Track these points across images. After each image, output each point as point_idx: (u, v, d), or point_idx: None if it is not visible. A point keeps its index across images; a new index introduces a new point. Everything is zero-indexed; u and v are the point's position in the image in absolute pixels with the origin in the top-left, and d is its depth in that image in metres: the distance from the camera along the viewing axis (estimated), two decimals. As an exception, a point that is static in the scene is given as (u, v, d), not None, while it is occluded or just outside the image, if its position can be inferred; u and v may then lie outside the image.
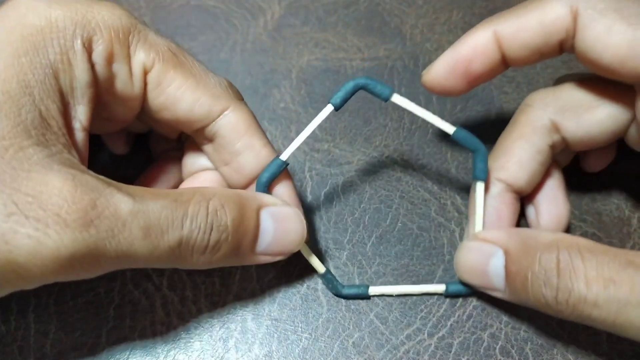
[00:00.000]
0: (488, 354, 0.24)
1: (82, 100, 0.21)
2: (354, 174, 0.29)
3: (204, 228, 0.20)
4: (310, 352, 0.24)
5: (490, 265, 0.22)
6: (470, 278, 0.23)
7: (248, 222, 0.21)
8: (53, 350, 0.24)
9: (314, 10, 0.36)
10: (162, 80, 0.22)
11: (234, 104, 0.23)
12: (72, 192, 0.17)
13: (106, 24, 0.21)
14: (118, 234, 0.18)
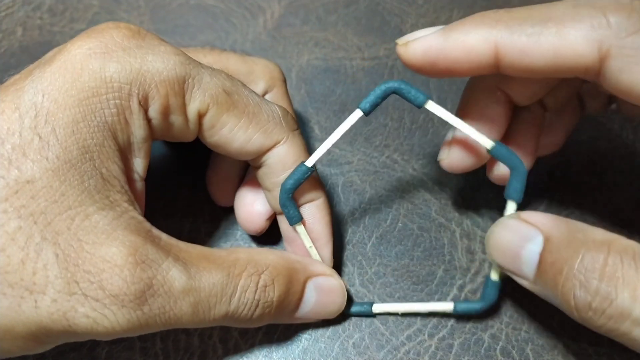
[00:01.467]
0: (489, 354, 0.24)
1: (139, 154, 0.21)
2: (354, 174, 0.29)
3: (250, 305, 0.21)
4: (310, 353, 0.24)
5: (525, 249, 0.19)
6: (499, 258, 0.21)
7: (293, 295, 0.22)
8: (52, 350, 0.24)
9: (313, 10, 0.36)
10: (216, 123, 0.22)
11: (286, 136, 0.23)
12: (132, 272, 0.18)
13: (161, 78, 0.20)
14: (169, 311, 0.19)
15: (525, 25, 0.19)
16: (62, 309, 0.18)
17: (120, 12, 0.36)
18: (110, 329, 0.18)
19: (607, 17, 0.18)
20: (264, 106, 0.22)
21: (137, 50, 0.20)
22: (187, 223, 0.27)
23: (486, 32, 0.20)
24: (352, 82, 0.33)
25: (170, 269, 0.19)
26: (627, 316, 0.17)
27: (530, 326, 0.24)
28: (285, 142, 0.23)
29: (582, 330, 0.24)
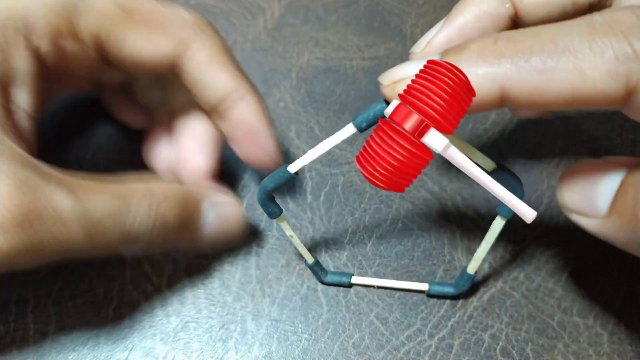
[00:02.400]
0: (489, 354, 0.24)
1: (23, 86, 0.20)
2: (354, 174, 0.29)
3: (146, 223, 0.20)
4: (310, 353, 0.24)
5: (603, 181, 0.17)
6: (570, 196, 0.18)
7: (190, 212, 0.22)
8: (52, 351, 0.24)
9: (313, 10, 0.36)
10: (116, 40, 0.21)
11: (198, 38, 0.22)
12: (12, 195, 0.17)
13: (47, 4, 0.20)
14: (58, 235, 0.18)
15: (534, 59, 0.16)
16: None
17: (120, 12, 0.36)
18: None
19: (632, 44, 0.15)
20: (168, 10, 0.22)
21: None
22: (187, 223, 0.27)
23: (489, 71, 0.17)
24: (352, 82, 0.33)
25: (55, 193, 0.18)
26: None
27: (530, 326, 0.24)
28: (198, 44, 0.22)
29: (582, 331, 0.24)
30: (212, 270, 0.26)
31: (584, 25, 0.16)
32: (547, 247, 0.26)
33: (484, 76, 0.17)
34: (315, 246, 0.27)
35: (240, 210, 0.24)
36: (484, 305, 0.25)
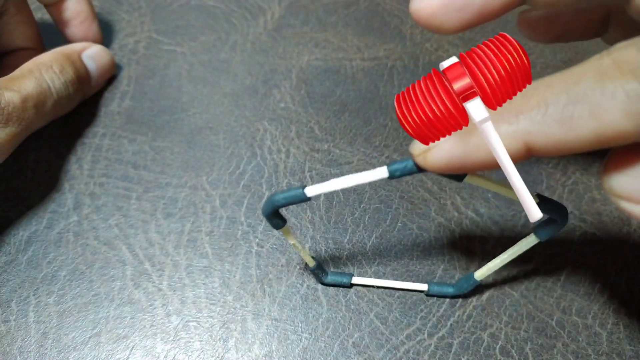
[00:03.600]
0: (488, 354, 0.24)
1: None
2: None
3: (63, 87, 0.28)
4: (310, 352, 0.24)
5: None
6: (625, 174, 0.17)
7: (81, 69, 0.30)
8: (53, 350, 0.24)
9: (314, 10, 0.36)
10: None
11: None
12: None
13: None
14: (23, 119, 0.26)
15: (550, 111, 0.16)
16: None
17: (121, 12, 0.36)
18: None
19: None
20: None
21: None
22: (187, 223, 0.27)
23: (510, 130, 0.17)
24: (352, 83, 0.33)
25: (4, 94, 0.25)
26: None
27: (529, 325, 0.24)
28: None
29: (581, 330, 0.24)
30: (213, 269, 0.26)
31: (593, 70, 0.16)
32: (546, 246, 0.27)
33: (506, 134, 0.17)
34: (315, 246, 0.27)
35: (110, 56, 0.32)
36: (483, 305, 0.25)
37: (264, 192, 0.28)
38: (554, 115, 0.16)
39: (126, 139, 0.30)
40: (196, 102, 0.32)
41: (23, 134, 0.26)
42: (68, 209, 0.28)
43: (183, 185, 0.29)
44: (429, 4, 0.19)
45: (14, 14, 0.31)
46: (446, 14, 0.19)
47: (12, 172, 0.29)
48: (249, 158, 0.30)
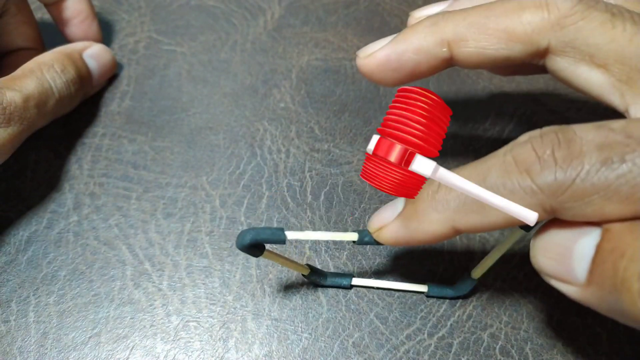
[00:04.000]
0: (488, 354, 0.24)
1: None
2: (354, 174, 0.29)
3: (65, 87, 0.28)
4: (310, 352, 0.24)
5: (578, 244, 0.18)
6: (546, 260, 0.19)
7: (83, 68, 0.30)
8: (53, 350, 0.24)
9: (314, 10, 0.36)
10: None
11: None
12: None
13: None
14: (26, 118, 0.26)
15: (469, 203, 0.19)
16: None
17: (121, 12, 0.36)
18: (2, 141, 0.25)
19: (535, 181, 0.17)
20: None
21: None
22: (187, 223, 0.27)
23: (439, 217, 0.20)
24: (352, 83, 0.33)
25: (5, 94, 0.25)
26: None
27: (529, 325, 0.24)
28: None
29: (581, 330, 0.24)
30: (213, 269, 0.26)
31: (498, 165, 0.18)
32: (546, 246, 0.27)
33: (437, 221, 0.20)
34: (315, 246, 0.27)
35: (111, 55, 0.32)
36: (483, 305, 0.25)
37: (264, 192, 0.28)
38: (471, 206, 0.19)
39: (126, 139, 0.30)
40: (196, 102, 0.32)
41: (25, 134, 0.26)
42: (68, 209, 0.28)
43: (183, 185, 0.29)
44: (369, 63, 0.23)
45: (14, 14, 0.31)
46: (383, 72, 0.23)
47: (12, 172, 0.29)
48: (249, 158, 0.30)
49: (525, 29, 0.21)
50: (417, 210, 0.20)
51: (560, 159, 0.17)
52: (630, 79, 0.20)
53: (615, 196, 0.16)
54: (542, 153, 0.17)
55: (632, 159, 0.16)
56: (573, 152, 0.17)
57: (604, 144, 0.17)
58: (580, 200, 0.17)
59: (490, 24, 0.21)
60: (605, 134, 0.17)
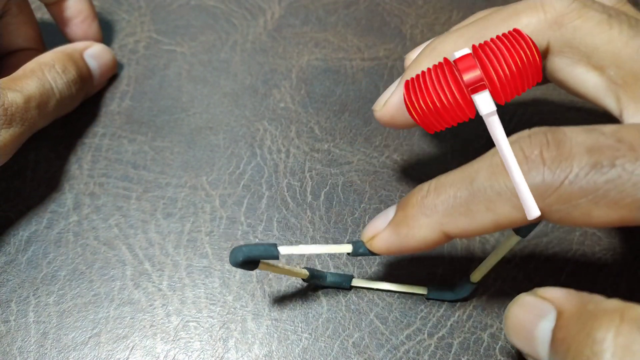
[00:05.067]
0: (488, 354, 0.24)
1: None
2: (354, 174, 0.29)
3: (66, 88, 0.28)
4: (310, 352, 0.24)
5: (538, 327, 0.18)
6: (516, 339, 0.19)
7: (83, 68, 0.30)
8: (53, 350, 0.24)
9: (314, 10, 0.36)
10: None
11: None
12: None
13: None
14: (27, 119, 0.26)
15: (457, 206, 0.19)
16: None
17: (121, 12, 0.36)
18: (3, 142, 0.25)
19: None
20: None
21: None
22: (187, 223, 0.27)
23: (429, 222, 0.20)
24: (352, 83, 0.33)
25: (7, 95, 0.25)
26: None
27: (529, 326, 0.24)
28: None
29: (581, 330, 0.24)
30: (213, 269, 0.26)
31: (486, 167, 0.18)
32: (546, 246, 0.27)
33: (426, 225, 0.19)
34: (315, 246, 0.27)
35: (112, 55, 0.32)
36: (483, 305, 0.25)
37: (264, 192, 0.28)
38: (459, 210, 0.19)
39: (126, 139, 0.30)
40: (196, 102, 0.32)
41: (26, 135, 0.26)
42: (68, 209, 0.28)
43: (183, 185, 0.29)
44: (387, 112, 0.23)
45: (16, 14, 0.31)
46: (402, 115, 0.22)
47: (12, 172, 0.29)
48: (249, 158, 0.30)
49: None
50: (407, 216, 0.20)
51: (548, 160, 0.17)
52: (626, 82, 0.20)
53: (603, 201, 0.16)
54: (529, 153, 0.17)
55: (622, 164, 0.16)
56: (562, 154, 0.17)
57: (594, 147, 0.17)
58: (567, 203, 0.17)
59: (489, 34, 0.21)
60: (596, 138, 0.17)
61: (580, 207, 0.17)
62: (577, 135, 0.17)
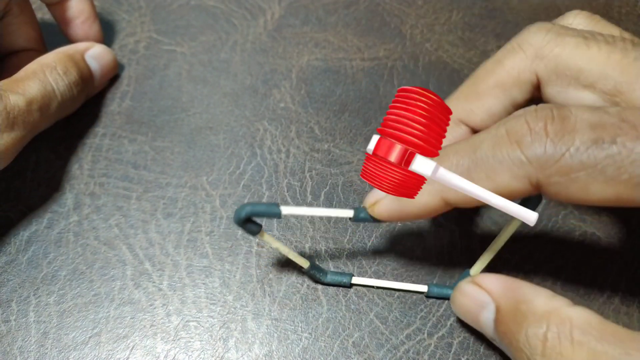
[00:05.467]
0: (488, 353, 0.24)
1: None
2: (354, 174, 0.29)
3: (67, 89, 0.28)
4: (310, 352, 0.24)
5: (481, 315, 0.21)
6: (464, 319, 0.23)
7: (85, 69, 0.30)
8: (53, 350, 0.24)
9: (314, 10, 0.36)
10: None
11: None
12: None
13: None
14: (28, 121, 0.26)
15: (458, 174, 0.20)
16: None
17: (121, 12, 0.36)
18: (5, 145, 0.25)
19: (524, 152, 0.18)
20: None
21: None
22: (187, 223, 0.27)
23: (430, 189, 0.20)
24: (352, 83, 0.33)
25: (9, 98, 0.25)
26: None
27: (529, 325, 0.24)
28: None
29: (581, 330, 0.24)
30: (213, 269, 0.26)
31: (490, 138, 0.19)
32: (545, 246, 0.27)
33: (427, 192, 0.20)
34: (315, 246, 0.27)
35: (113, 56, 0.32)
36: (483, 305, 0.25)
37: (264, 192, 0.28)
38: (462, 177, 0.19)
39: (126, 139, 0.30)
40: (196, 102, 0.32)
41: (28, 137, 0.26)
42: (68, 209, 0.28)
43: (183, 185, 0.29)
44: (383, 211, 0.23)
45: (17, 14, 0.31)
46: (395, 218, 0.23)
47: (12, 172, 0.29)
48: (249, 158, 0.30)
49: (512, 74, 0.22)
50: None
51: (552, 133, 0.18)
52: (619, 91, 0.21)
53: (601, 176, 0.17)
54: (534, 126, 0.18)
55: (623, 142, 0.17)
56: (566, 128, 0.18)
57: (597, 124, 0.17)
58: (566, 176, 0.17)
59: (481, 88, 0.23)
60: (600, 116, 0.18)
61: (579, 180, 0.17)
62: (582, 112, 0.18)
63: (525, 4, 0.35)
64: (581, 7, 0.36)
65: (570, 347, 0.17)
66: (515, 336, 0.18)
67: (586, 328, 0.17)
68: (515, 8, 0.28)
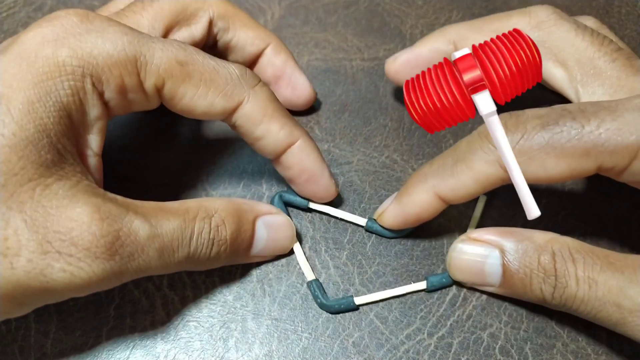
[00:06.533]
0: (488, 353, 0.24)
1: (93, 131, 0.23)
2: (354, 173, 0.29)
3: (207, 244, 0.23)
4: (310, 352, 0.24)
5: (486, 264, 0.23)
6: (464, 277, 0.24)
7: (244, 233, 0.24)
8: (53, 350, 0.24)
9: (314, 11, 0.36)
10: (175, 94, 0.23)
11: (247, 95, 0.24)
12: (100, 227, 0.20)
13: (112, 60, 0.22)
14: (138, 258, 0.21)
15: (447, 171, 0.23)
16: (38, 266, 0.19)
17: (121, 12, 0.36)
18: (88, 280, 0.20)
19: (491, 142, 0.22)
20: (220, 69, 0.24)
21: (87, 35, 0.22)
22: (187, 223, 0.27)
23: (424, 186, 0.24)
24: (352, 83, 0.33)
25: (133, 221, 0.21)
26: (574, 297, 0.21)
27: (529, 325, 0.24)
28: (248, 100, 0.24)
29: (581, 330, 0.24)
30: (213, 270, 0.26)
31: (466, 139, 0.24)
32: (546, 246, 0.27)
33: (422, 190, 0.24)
34: (315, 246, 0.27)
35: (291, 228, 0.26)
36: (483, 305, 0.25)
37: (264, 192, 0.28)
38: (447, 172, 0.23)
39: (126, 139, 0.30)
40: (196, 102, 0.32)
41: (126, 276, 0.21)
42: (68, 209, 0.28)
43: (183, 185, 0.29)
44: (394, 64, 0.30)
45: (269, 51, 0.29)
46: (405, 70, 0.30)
47: (13, 172, 0.29)
48: (249, 158, 0.30)
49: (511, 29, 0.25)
50: (407, 187, 0.25)
51: (510, 125, 0.22)
52: (583, 80, 0.26)
53: (553, 152, 0.21)
54: None
55: (564, 123, 0.21)
56: (520, 120, 0.22)
57: (544, 115, 0.22)
58: (525, 156, 0.21)
59: (485, 26, 0.28)
60: (547, 110, 0.22)
61: (535, 158, 0.21)
62: (532, 110, 0.22)
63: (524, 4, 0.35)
64: (581, 7, 0.37)
65: (572, 264, 0.21)
66: (528, 267, 0.22)
67: (578, 247, 0.22)
68: (515, 8, 0.28)
